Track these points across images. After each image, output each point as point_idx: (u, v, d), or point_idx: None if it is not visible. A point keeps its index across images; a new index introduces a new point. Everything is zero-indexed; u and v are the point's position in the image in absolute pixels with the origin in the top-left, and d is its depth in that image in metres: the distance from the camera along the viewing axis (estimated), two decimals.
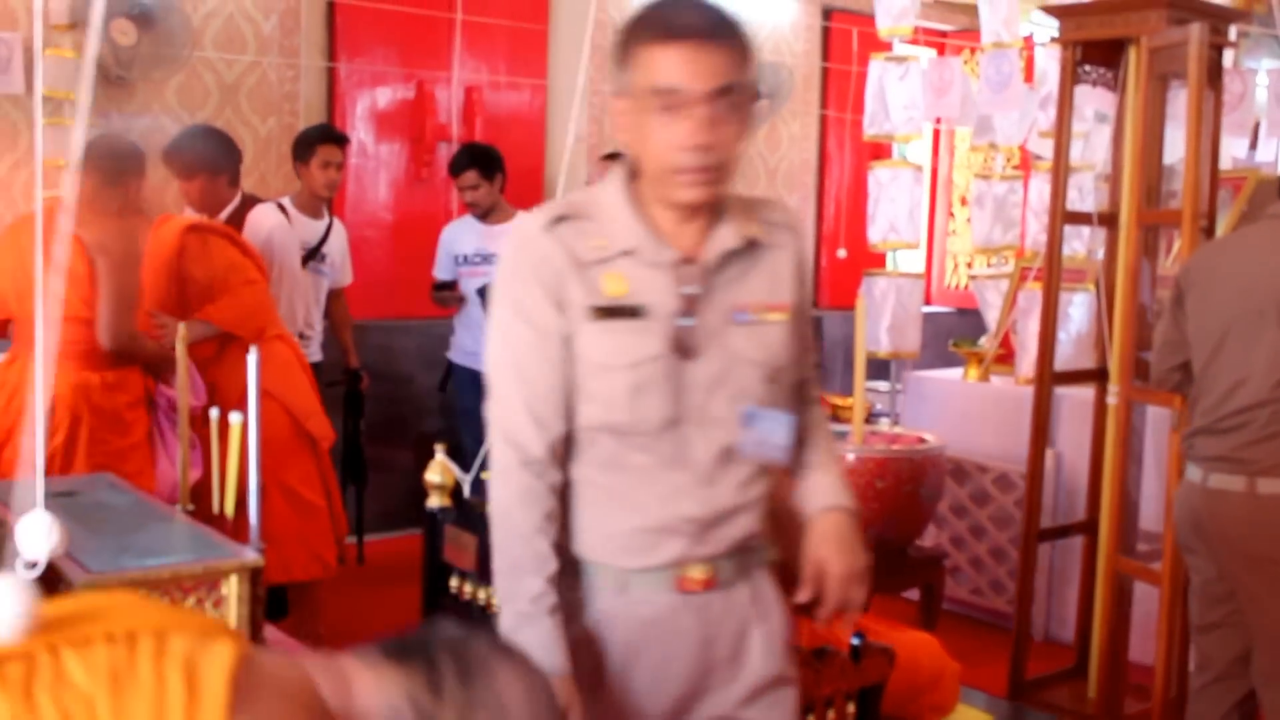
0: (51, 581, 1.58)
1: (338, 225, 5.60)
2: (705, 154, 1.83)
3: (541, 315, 1.88)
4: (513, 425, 1.90)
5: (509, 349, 1.91)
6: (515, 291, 1.92)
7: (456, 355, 5.79)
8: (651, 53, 1.82)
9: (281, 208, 5.31)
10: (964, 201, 8.97)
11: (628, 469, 1.90)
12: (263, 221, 5.03)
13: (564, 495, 1.92)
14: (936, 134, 9.04)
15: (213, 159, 5.01)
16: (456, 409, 5.77)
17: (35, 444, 1.67)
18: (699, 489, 1.90)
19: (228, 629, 1.46)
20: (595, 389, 1.88)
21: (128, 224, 4.24)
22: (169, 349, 4.06)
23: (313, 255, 5.42)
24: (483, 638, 1.46)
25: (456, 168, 5.70)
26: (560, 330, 1.88)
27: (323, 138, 5.43)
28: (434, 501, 3.13)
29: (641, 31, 1.85)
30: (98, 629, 1.33)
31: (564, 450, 1.92)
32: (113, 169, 4.09)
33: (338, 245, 5.57)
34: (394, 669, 1.39)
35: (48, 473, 3.75)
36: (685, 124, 1.82)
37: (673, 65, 1.81)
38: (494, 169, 5.65)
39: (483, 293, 5.36)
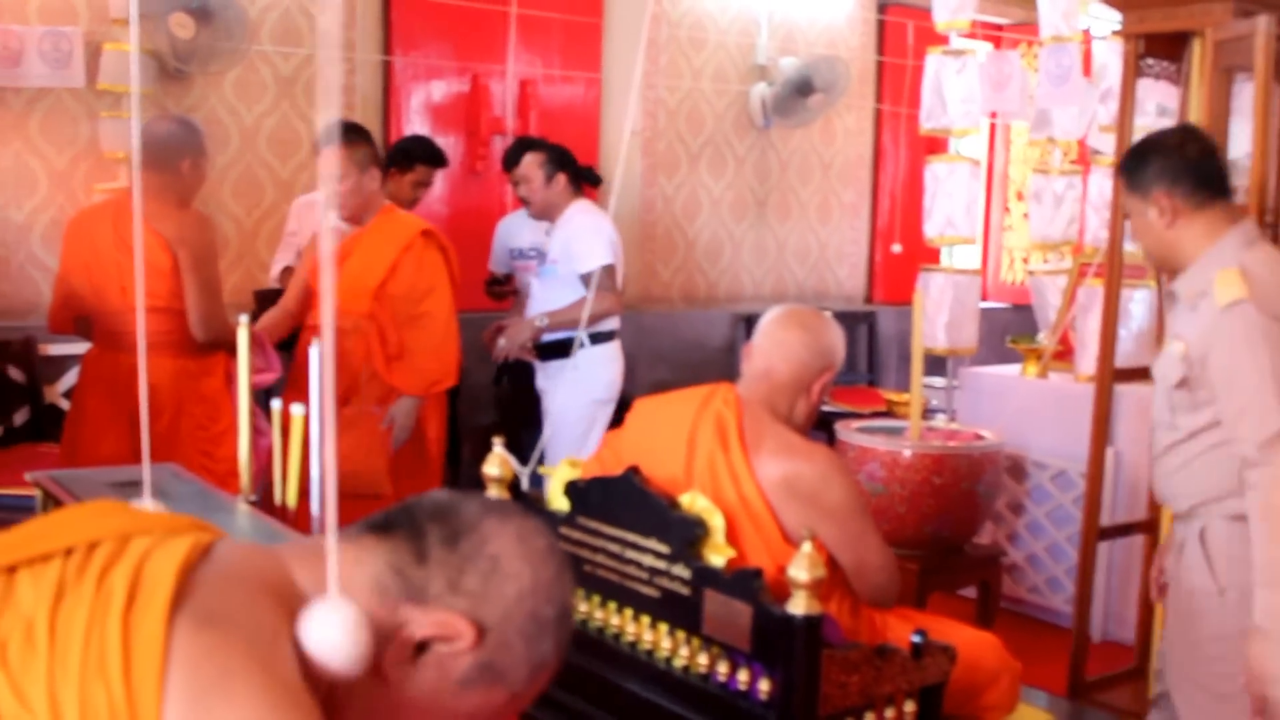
0: None
1: None
2: None
3: None
4: None
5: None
6: None
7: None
8: None
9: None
10: (1020, 196, 8.89)
11: None
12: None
13: None
14: (992, 128, 8.97)
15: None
16: (514, 402, 5.78)
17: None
18: None
19: (202, 524, 1.37)
20: None
21: (199, 215, 4.30)
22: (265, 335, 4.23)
23: None
24: (473, 500, 1.37)
25: (510, 162, 5.70)
26: None
27: (425, 157, 5.55)
28: (492, 494, 3.12)
29: None
30: (60, 543, 1.25)
31: None
32: (160, 156, 4.12)
33: None
34: (377, 542, 1.31)
35: (154, 458, 3.88)
36: None
37: None
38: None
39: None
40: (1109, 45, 5.50)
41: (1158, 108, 4.94)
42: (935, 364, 5.57)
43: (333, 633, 1.20)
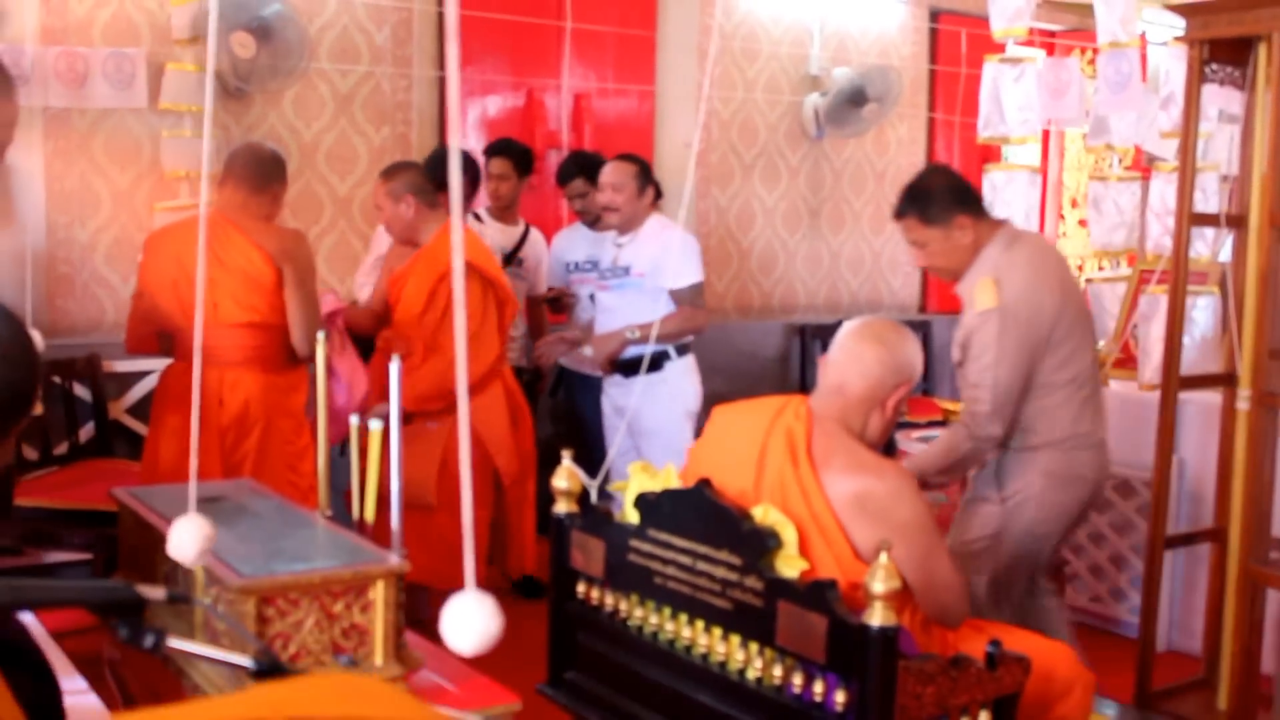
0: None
1: (534, 233, 5.71)
2: None
3: None
4: None
5: None
6: None
7: (569, 361, 5.81)
8: None
9: (477, 216, 5.49)
10: (1075, 204, 8.84)
11: None
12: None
13: None
14: (1046, 135, 8.92)
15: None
16: (572, 415, 5.80)
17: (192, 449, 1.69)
18: None
19: None
20: None
21: (297, 231, 4.49)
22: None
23: (509, 261, 5.55)
24: None
25: (565, 176, 5.73)
26: None
27: (489, 150, 5.74)
28: (561, 507, 3.13)
29: None
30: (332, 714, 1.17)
31: None
32: (260, 176, 4.28)
33: (533, 252, 5.70)
34: None
35: (242, 473, 4.01)
36: None
37: None
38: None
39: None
40: (1169, 51, 5.46)
41: (1220, 113, 4.92)
42: None
43: None
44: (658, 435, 5.04)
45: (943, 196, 3.73)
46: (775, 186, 7.53)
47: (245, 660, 1.48)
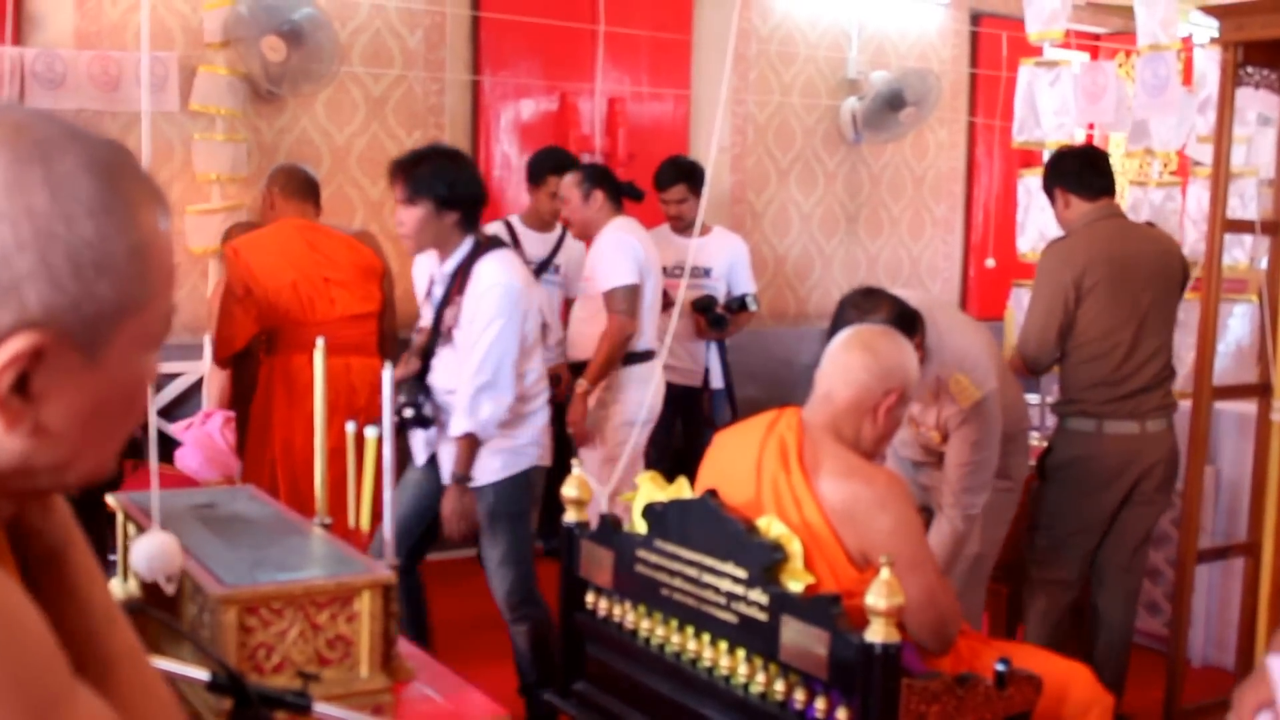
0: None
1: (570, 239, 5.67)
2: None
3: None
4: None
5: None
6: None
7: None
8: None
9: (509, 226, 5.48)
10: None
11: None
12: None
13: None
14: (1088, 139, 8.80)
15: None
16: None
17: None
18: None
19: None
20: None
21: (366, 231, 5.15)
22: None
23: (544, 268, 5.54)
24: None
25: (664, 181, 5.75)
26: None
27: (555, 168, 5.57)
28: (570, 517, 3.10)
29: None
30: None
31: None
32: (309, 192, 4.86)
33: (570, 257, 5.67)
34: None
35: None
36: None
37: None
38: (700, 183, 5.63)
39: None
40: (1208, 53, 5.37)
41: (1259, 117, 4.82)
42: (1029, 380, 5.46)
43: None
44: (595, 446, 4.96)
45: (897, 326, 3.45)
46: (812, 191, 7.47)
47: (201, 674, 1.45)
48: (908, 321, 3.44)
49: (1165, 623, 4.79)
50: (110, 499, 2.62)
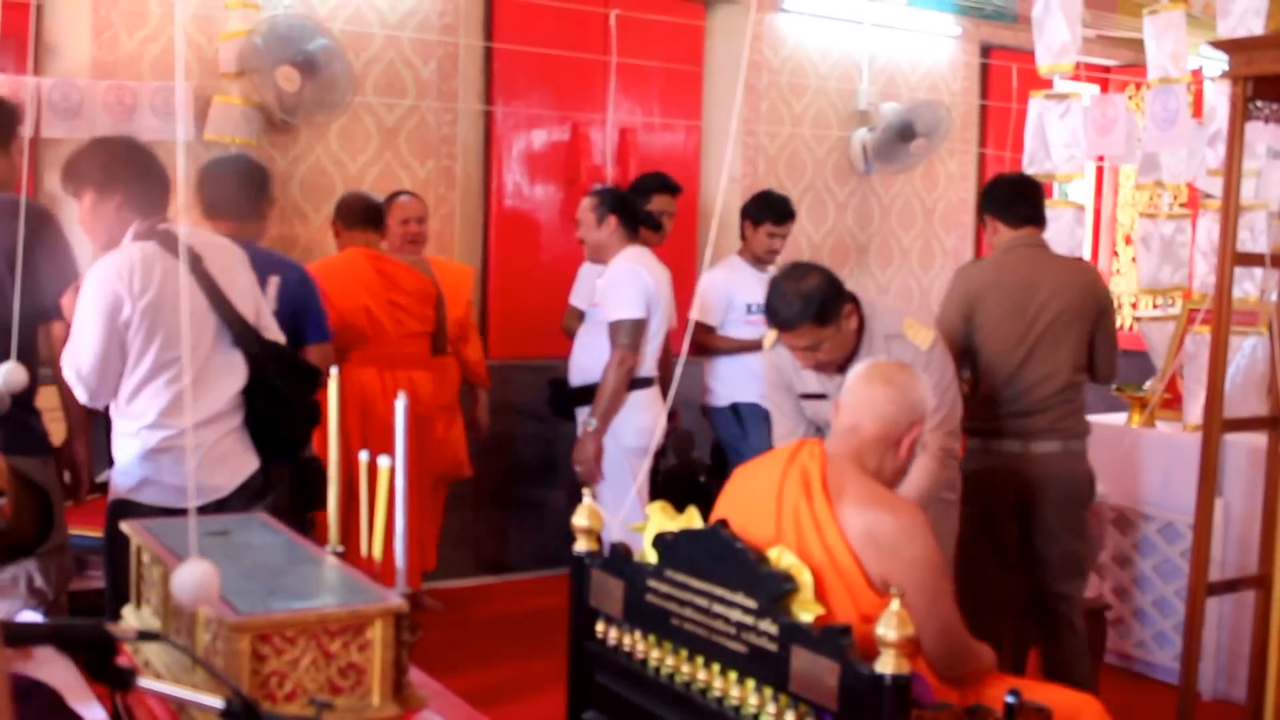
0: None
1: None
2: None
3: None
4: None
5: None
6: None
7: None
8: None
9: None
10: (1128, 241, 8.73)
11: None
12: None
13: None
14: (1099, 172, 8.83)
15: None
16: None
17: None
18: None
19: None
20: None
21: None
22: None
23: None
24: None
25: (760, 216, 5.86)
26: None
27: (657, 187, 5.85)
28: (581, 546, 3.10)
29: None
30: None
31: None
32: (370, 214, 5.25)
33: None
34: None
35: (443, 452, 5.53)
36: None
37: None
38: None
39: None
40: (1218, 87, 5.39)
41: (1269, 150, 4.84)
42: None
43: None
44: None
45: (830, 292, 3.60)
46: (823, 222, 7.49)
47: (216, 701, 1.46)
48: (838, 287, 3.62)
49: (1176, 655, 4.78)
50: (125, 527, 2.64)
